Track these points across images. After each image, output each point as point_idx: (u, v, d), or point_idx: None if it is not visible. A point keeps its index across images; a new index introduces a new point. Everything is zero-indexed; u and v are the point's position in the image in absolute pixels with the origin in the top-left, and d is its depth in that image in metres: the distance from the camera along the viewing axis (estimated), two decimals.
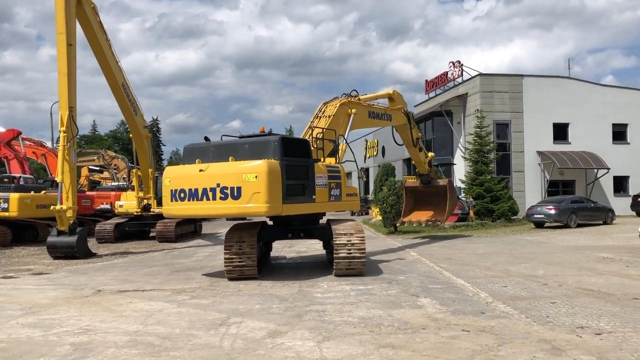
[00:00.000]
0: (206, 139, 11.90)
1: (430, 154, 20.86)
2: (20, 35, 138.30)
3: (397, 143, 19.73)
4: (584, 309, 7.73)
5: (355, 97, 15.53)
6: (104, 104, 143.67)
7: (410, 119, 18.85)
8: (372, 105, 16.57)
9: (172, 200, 10.98)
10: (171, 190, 10.97)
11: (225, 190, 10.27)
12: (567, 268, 12.03)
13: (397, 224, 21.80)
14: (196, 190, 10.56)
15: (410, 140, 18.99)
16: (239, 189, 10.18)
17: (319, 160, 12.03)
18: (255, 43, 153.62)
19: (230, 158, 10.61)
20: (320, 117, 14.31)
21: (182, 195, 10.77)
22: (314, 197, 11.36)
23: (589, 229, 23.69)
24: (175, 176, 11.16)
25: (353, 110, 14.90)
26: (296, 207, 10.95)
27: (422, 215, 20.31)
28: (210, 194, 10.41)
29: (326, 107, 14.69)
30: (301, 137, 13.18)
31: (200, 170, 10.60)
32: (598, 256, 14.03)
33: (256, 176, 10.10)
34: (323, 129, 13.32)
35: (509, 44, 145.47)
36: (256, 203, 10.12)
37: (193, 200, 10.62)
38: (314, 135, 12.82)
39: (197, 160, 10.94)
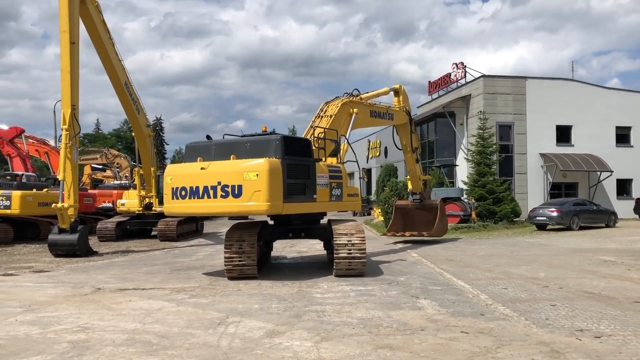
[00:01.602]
0: (208, 137, 11.89)
1: (428, 176, 20.45)
2: (27, 34, 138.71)
3: (397, 147, 19.57)
4: (584, 312, 7.70)
5: (356, 96, 15.49)
6: (108, 103, 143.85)
7: (412, 121, 18.74)
8: (374, 104, 16.52)
9: (173, 198, 10.97)
10: (172, 188, 10.95)
11: (226, 189, 10.27)
12: (568, 270, 11.98)
13: (381, 234, 21.16)
14: (197, 188, 10.56)
15: (409, 144, 18.78)
16: (240, 187, 10.17)
17: (321, 159, 12.02)
18: (261, 43, 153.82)
19: (231, 156, 10.61)
20: (322, 117, 14.29)
21: (183, 193, 10.75)
22: (314, 196, 11.35)
23: (592, 232, 23.62)
24: (176, 174, 11.15)
25: (355, 110, 14.88)
26: (297, 206, 10.94)
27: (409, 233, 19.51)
28: (211, 192, 10.41)
29: (328, 106, 14.67)
30: (303, 136, 13.17)
31: (201, 169, 10.60)
32: (600, 259, 13.98)
33: (257, 174, 10.10)
34: (325, 128, 13.31)
35: (514, 45, 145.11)
36: (257, 201, 10.11)
37: (194, 198, 10.61)
38: (316, 135, 12.82)
39: (198, 158, 10.95)
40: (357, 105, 15.06)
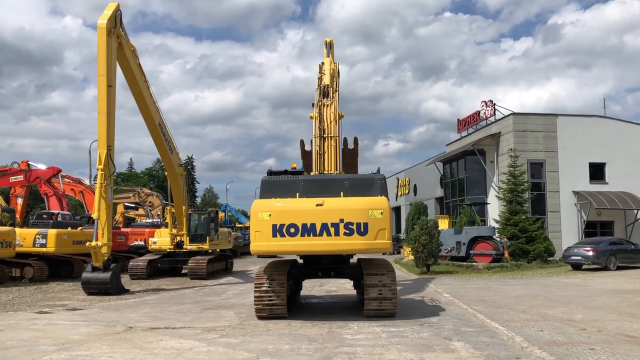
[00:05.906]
0: (270, 172, 11.79)
1: None
2: (68, 77, 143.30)
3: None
4: (625, 357, 7.43)
5: (331, 93, 15.39)
6: (143, 142, 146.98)
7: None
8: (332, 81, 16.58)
9: (275, 236, 10.44)
10: (274, 225, 10.42)
11: (350, 226, 10.32)
12: (606, 313, 11.61)
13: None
14: (313, 225, 10.36)
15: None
16: (365, 225, 10.31)
17: None
18: (292, 84, 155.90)
19: (340, 193, 10.75)
20: (325, 138, 14.17)
21: (292, 230, 10.38)
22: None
23: (630, 272, 22.87)
24: (279, 210, 10.56)
25: (342, 113, 14.97)
26: None
27: None
28: (332, 229, 10.34)
29: (325, 125, 14.33)
30: (314, 162, 13.50)
31: (317, 205, 10.47)
32: None
33: (382, 212, 10.34)
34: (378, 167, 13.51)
35: (546, 83, 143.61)
36: (382, 239, 10.38)
37: (309, 235, 10.37)
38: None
39: (297, 194, 10.83)
40: (338, 105, 15.10)
